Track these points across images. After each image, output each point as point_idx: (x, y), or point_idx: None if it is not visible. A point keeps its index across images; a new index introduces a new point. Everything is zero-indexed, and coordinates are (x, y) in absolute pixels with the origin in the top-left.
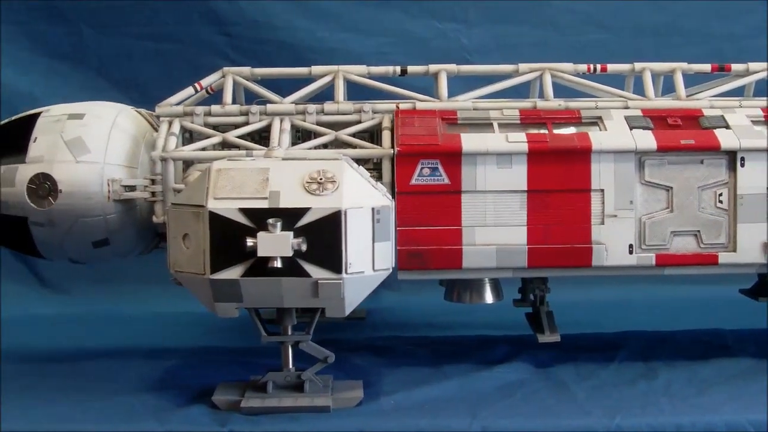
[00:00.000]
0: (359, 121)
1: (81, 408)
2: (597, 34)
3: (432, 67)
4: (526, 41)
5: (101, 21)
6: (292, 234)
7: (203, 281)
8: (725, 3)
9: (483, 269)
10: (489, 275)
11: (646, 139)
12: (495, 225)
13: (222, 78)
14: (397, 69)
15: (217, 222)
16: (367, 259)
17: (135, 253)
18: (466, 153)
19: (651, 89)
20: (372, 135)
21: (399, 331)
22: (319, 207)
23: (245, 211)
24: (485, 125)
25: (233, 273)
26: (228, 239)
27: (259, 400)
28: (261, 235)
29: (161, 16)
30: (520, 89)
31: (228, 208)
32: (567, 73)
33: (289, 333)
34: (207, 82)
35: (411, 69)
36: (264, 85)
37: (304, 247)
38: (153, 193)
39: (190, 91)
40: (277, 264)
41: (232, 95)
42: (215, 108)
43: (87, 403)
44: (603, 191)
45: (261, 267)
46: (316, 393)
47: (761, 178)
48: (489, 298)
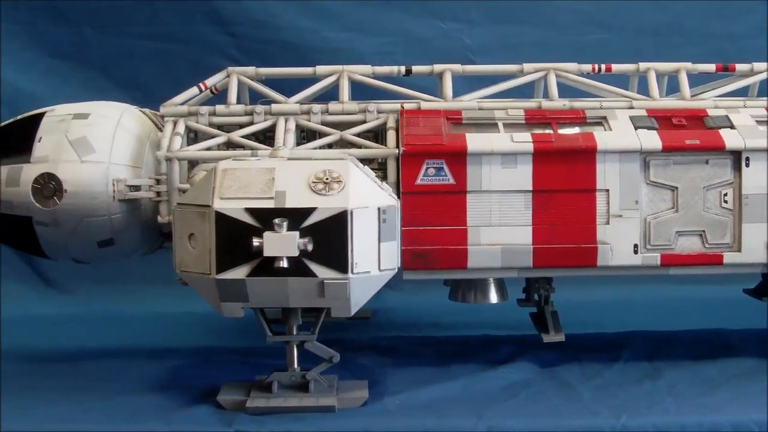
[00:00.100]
0: (364, 121)
1: (85, 408)
2: (598, 33)
3: (437, 67)
4: (528, 41)
5: (103, 21)
6: (298, 234)
7: (209, 281)
8: (726, 3)
9: (488, 269)
10: (494, 275)
11: (651, 139)
12: (500, 225)
13: (227, 78)
14: (402, 69)
15: (223, 222)
16: (373, 259)
17: (139, 253)
18: (471, 153)
19: (656, 89)
20: (377, 135)
21: (403, 331)
22: (326, 207)
23: (251, 211)
24: (490, 125)
25: (239, 273)
26: (234, 239)
27: (265, 400)
28: (267, 235)
29: (164, 15)
30: (523, 89)
31: (234, 207)
32: (571, 73)
33: (295, 333)
34: (212, 81)
35: (416, 69)
36: (268, 85)
37: (310, 247)
38: (158, 193)
39: (194, 91)
40: (283, 264)
41: (236, 95)
42: (220, 108)
43: (91, 403)
44: (608, 191)
45: (267, 267)
46: (321, 393)
47: (766, 178)
48: (494, 298)
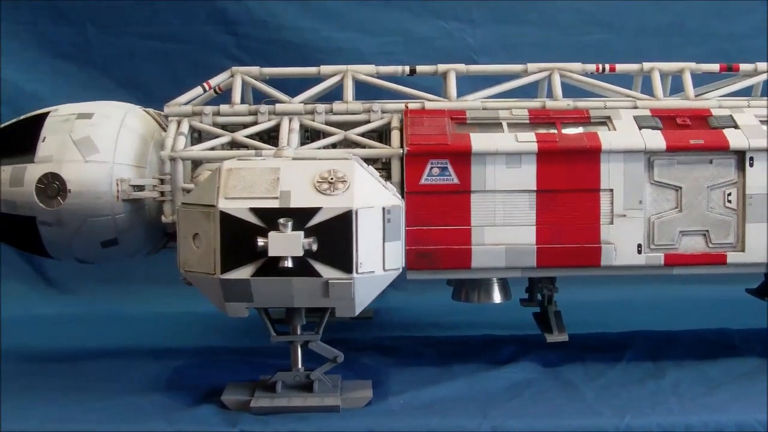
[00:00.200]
0: (368, 121)
1: (88, 408)
2: (600, 33)
3: (441, 67)
4: (529, 41)
5: (106, 20)
6: (302, 234)
7: (214, 281)
8: (726, 3)
9: (492, 269)
10: (498, 275)
11: (655, 139)
12: (504, 225)
13: (230, 78)
14: (406, 69)
15: (228, 222)
16: (378, 259)
17: (143, 253)
18: (475, 153)
19: (660, 89)
20: (381, 135)
21: (406, 331)
22: (330, 207)
23: (256, 211)
24: (494, 125)
25: (244, 273)
26: (239, 239)
27: (269, 399)
28: (272, 235)
29: (167, 15)
30: (527, 89)
31: (239, 207)
32: (575, 73)
33: (299, 333)
34: (216, 81)
35: (420, 69)
36: (271, 85)
37: (314, 247)
38: (162, 193)
39: (198, 91)
40: (288, 264)
41: (240, 95)
42: (224, 108)
43: (94, 404)
44: (612, 191)
45: (272, 267)
46: (325, 393)
47: None
48: (497, 297)
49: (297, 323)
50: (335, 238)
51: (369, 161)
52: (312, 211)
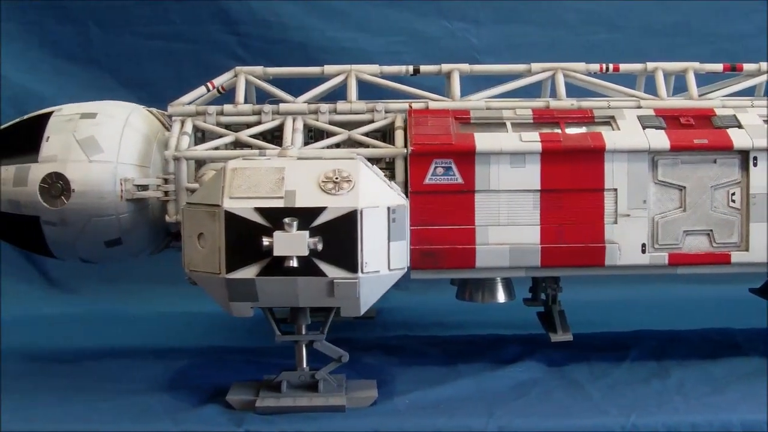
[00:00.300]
0: (372, 121)
1: (93, 408)
2: (604, 33)
3: (444, 67)
4: (533, 41)
5: (109, 20)
6: (308, 233)
7: (219, 281)
8: (730, 3)
9: (496, 269)
10: (502, 274)
11: (659, 139)
12: (508, 224)
13: (234, 77)
14: (410, 68)
15: (233, 221)
16: (383, 259)
17: (146, 253)
18: (479, 152)
19: (663, 89)
20: (384, 134)
21: (409, 331)
22: (336, 206)
23: (261, 211)
24: (498, 125)
25: (249, 272)
26: (244, 238)
27: (274, 399)
28: (277, 235)
29: (170, 15)
30: (530, 89)
31: (244, 207)
32: (579, 73)
33: (304, 332)
34: (219, 81)
35: (423, 68)
36: (274, 85)
37: (320, 247)
38: (166, 193)
39: (202, 91)
40: (293, 263)
41: (244, 95)
42: (228, 107)
43: (99, 403)
44: (616, 191)
45: (277, 266)
46: (330, 392)
47: None
48: (501, 297)
49: (302, 323)
50: (340, 237)
51: (373, 161)
52: (317, 211)
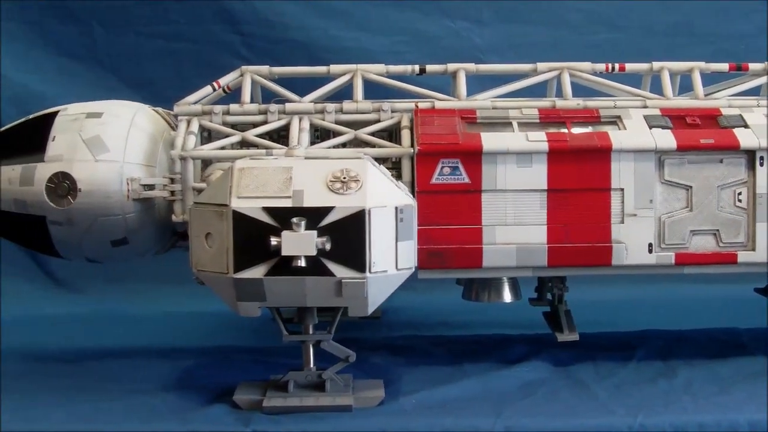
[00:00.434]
0: (378, 120)
1: (101, 408)
2: (606, 33)
3: (450, 66)
4: (536, 40)
5: (113, 20)
6: (316, 233)
7: (227, 280)
8: (733, 3)
9: (503, 268)
10: (509, 274)
11: (666, 139)
12: (515, 224)
13: (240, 77)
14: (416, 68)
15: (241, 221)
16: (391, 259)
17: (152, 252)
18: (486, 152)
19: (669, 88)
20: (390, 134)
21: (415, 330)
22: (343, 206)
23: (269, 210)
24: (505, 124)
25: (257, 272)
26: (252, 238)
27: (281, 399)
28: (285, 234)
29: (173, 15)
30: (534, 88)
31: (252, 207)
32: (585, 73)
33: (311, 332)
34: (225, 80)
35: (429, 68)
36: (279, 84)
37: (328, 246)
38: (172, 192)
39: (207, 90)
40: (301, 263)
41: (250, 94)
42: (234, 107)
43: (107, 403)
44: (623, 190)
45: (285, 266)
46: (337, 392)
47: None
48: (507, 297)
49: (309, 323)
50: (348, 237)
51: (379, 161)
52: (325, 211)
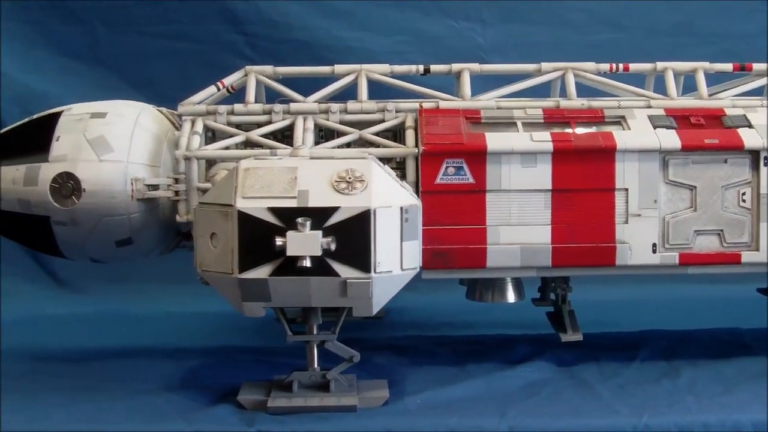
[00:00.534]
0: (383, 120)
1: (105, 408)
2: (608, 33)
3: (455, 66)
4: (539, 40)
5: (116, 20)
6: (321, 233)
7: (231, 281)
8: (732, 3)
9: (507, 268)
10: (513, 274)
11: (670, 139)
12: (519, 224)
13: (244, 77)
14: (420, 68)
15: (246, 221)
16: (396, 259)
17: (156, 252)
18: (491, 152)
19: (673, 88)
20: (395, 134)
21: (419, 331)
22: (349, 206)
23: (274, 210)
24: (509, 124)
25: (262, 272)
26: (257, 238)
27: (286, 399)
28: (290, 234)
29: (176, 14)
30: (538, 88)
31: (257, 207)
32: (589, 73)
33: (315, 332)
34: (230, 80)
35: (434, 68)
36: (283, 84)
37: (333, 247)
38: (176, 192)
39: (212, 90)
40: (306, 263)
41: (254, 94)
42: (238, 107)
43: (111, 404)
44: (627, 190)
45: (290, 266)
46: (342, 392)
47: None
48: (511, 297)
49: (313, 323)
50: (353, 237)
51: (383, 161)
52: (330, 211)
